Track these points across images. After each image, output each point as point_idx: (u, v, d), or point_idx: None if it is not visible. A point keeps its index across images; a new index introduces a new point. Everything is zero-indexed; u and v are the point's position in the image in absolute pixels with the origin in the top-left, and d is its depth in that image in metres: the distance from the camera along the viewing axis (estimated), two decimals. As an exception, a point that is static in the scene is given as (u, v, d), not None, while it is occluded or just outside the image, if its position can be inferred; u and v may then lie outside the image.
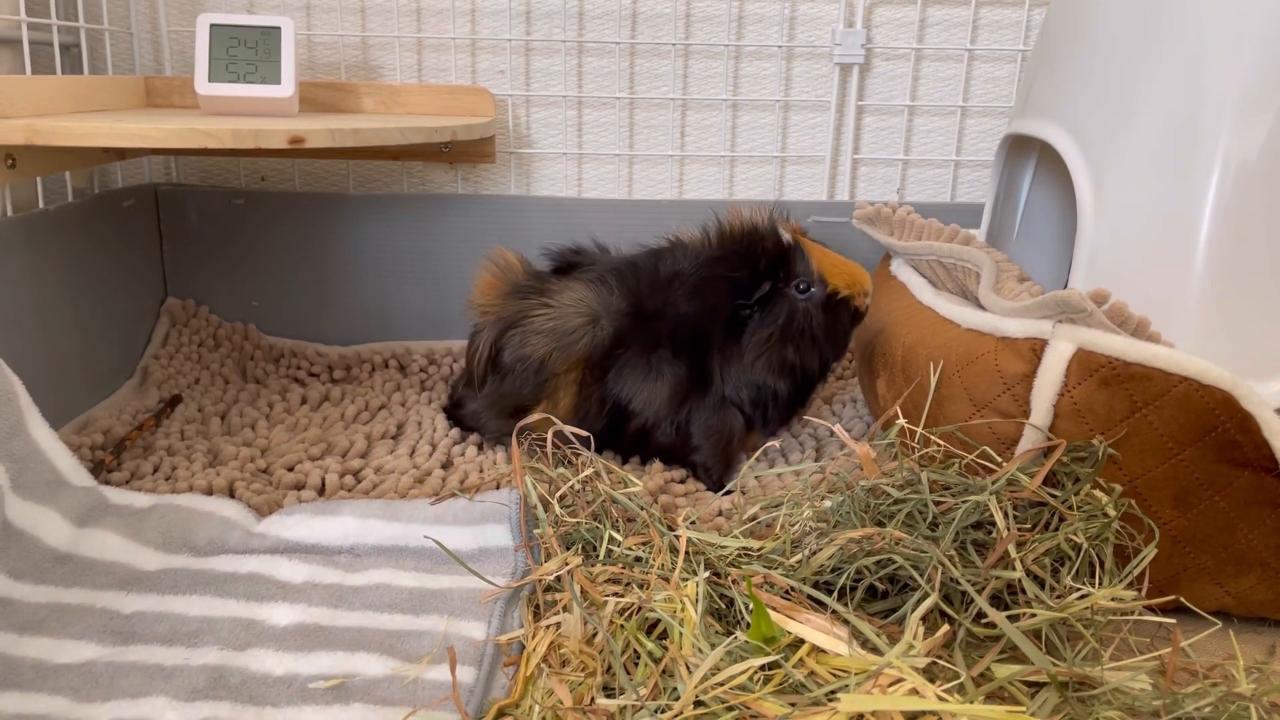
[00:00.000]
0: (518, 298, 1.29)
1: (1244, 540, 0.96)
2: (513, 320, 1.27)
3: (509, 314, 1.28)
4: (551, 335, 1.25)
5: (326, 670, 0.87)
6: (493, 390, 1.30)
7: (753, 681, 0.78)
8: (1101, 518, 0.94)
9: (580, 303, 1.26)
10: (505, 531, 1.05)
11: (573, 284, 1.29)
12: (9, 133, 1.17)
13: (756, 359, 1.24)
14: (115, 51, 1.63)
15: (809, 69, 1.72)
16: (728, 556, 0.96)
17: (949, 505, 0.95)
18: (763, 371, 1.25)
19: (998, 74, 1.72)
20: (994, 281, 1.17)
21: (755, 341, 1.24)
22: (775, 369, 1.25)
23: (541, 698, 0.82)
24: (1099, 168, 1.11)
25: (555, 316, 1.26)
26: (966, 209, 1.73)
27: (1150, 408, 0.93)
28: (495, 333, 1.28)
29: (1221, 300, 1.01)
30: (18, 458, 1.06)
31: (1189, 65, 1.03)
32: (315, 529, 1.07)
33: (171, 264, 1.69)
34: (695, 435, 1.27)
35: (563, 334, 1.25)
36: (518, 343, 1.26)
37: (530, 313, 1.26)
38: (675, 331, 1.25)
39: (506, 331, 1.27)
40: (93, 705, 0.82)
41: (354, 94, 1.63)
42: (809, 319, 1.24)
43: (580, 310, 1.26)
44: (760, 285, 1.22)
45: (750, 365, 1.25)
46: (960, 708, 0.71)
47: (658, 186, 1.77)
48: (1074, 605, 0.87)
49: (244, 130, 1.22)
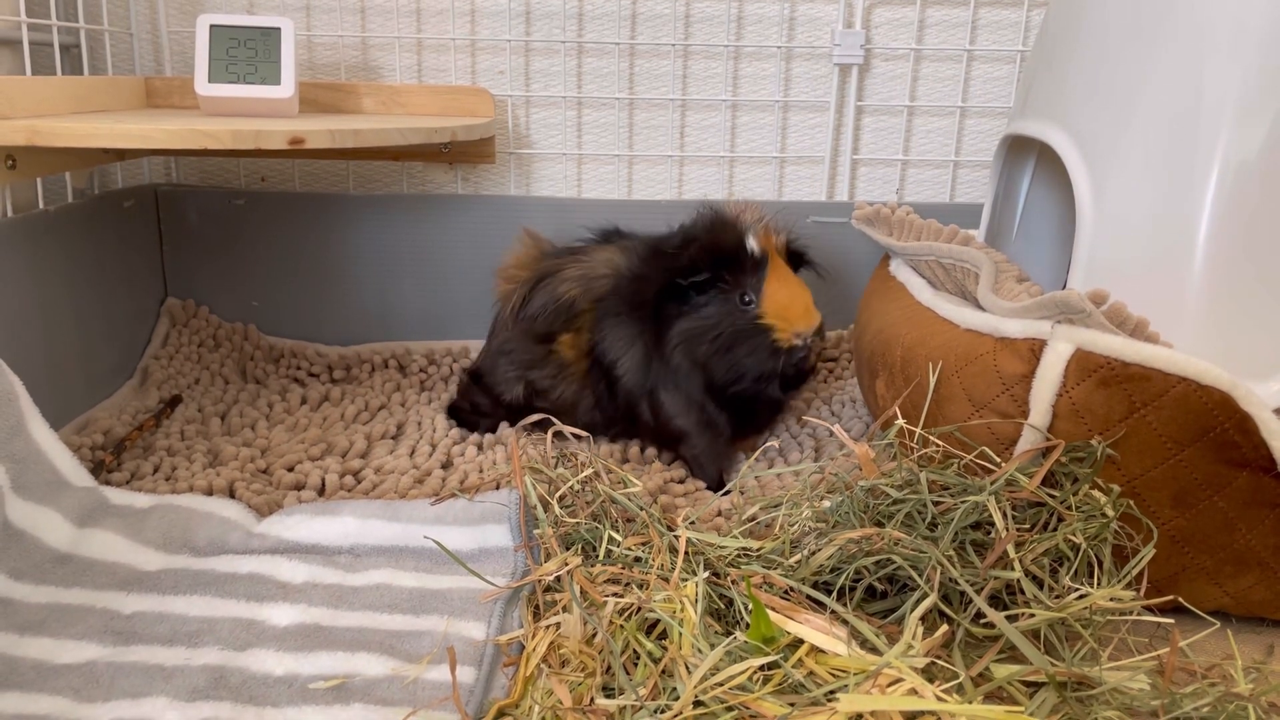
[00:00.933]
0: (551, 258, 1.40)
1: (1242, 540, 0.96)
2: (546, 272, 1.36)
3: (543, 269, 1.37)
4: (580, 280, 1.34)
5: (327, 670, 0.87)
6: (524, 323, 1.37)
7: (752, 681, 0.78)
8: (1100, 518, 0.94)
9: (608, 261, 1.35)
10: (505, 532, 1.05)
11: (606, 247, 1.39)
12: (9, 133, 1.17)
13: (676, 346, 1.27)
14: (115, 52, 1.63)
15: (808, 69, 1.72)
16: (727, 557, 0.96)
17: (948, 505, 0.95)
18: (679, 358, 1.27)
19: (997, 74, 1.72)
20: (993, 282, 1.17)
21: (679, 329, 1.27)
22: (689, 360, 1.27)
23: (541, 698, 0.82)
24: (1098, 168, 1.11)
25: (585, 266, 1.35)
26: (965, 209, 1.73)
27: (1149, 408, 0.93)
28: (529, 285, 1.36)
29: (1220, 300, 1.01)
30: (18, 458, 1.06)
31: (1188, 66, 1.03)
32: (315, 529, 1.07)
33: (171, 264, 1.69)
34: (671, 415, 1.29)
35: (590, 279, 1.33)
36: (550, 288, 1.34)
37: (563, 266, 1.36)
38: (633, 296, 1.30)
39: (540, 281, 1.35)
40: (93, 705, 0.82)
41: (354, 94, 1.63)
42: (732, 328, 1.26)
43: (607, 266, 1.34)
44: (698, 271, 1.25)
45: (671, 344, 1.28)
46: (959, 708, 0.71)
47: (657, 187, 1.77)
48: (1072, 605, 0.88)
49: (244, 131, 1.22)
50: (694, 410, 1.29)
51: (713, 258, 1.26)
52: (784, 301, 1.27)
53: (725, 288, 1.27)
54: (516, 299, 1.37)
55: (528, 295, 1.36)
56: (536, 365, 1.38)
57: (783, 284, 1.28)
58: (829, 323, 1.75)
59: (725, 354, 1.27)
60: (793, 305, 1.28)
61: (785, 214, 1.37)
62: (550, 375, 1.37)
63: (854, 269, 1.70)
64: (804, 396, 1.59)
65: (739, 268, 1.27)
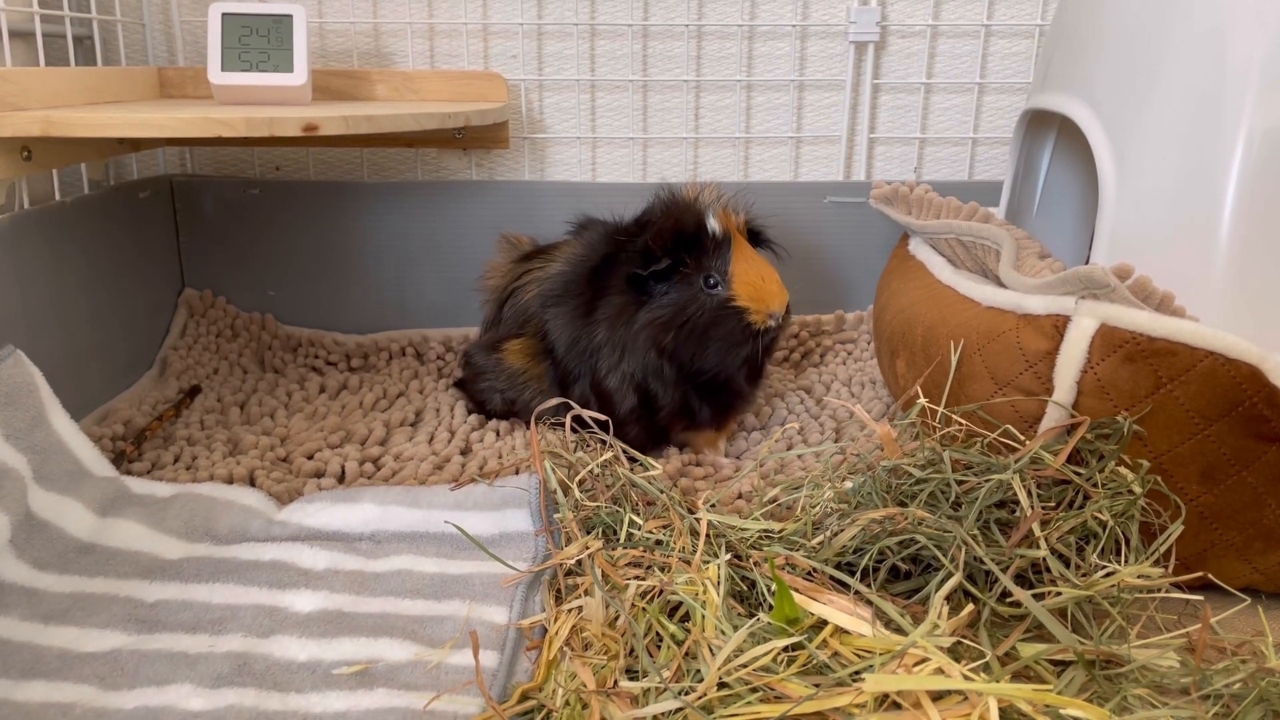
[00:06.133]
0: (523, 262, 1.40)
1: (1272, 515, 0.95)
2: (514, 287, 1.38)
3: (510, 283, 1.39)
4: (536, 283, 1.34)
5: (350, 656, 0.87)
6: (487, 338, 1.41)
7: (776, 663, 0.77)
8: (1127, 495, 0.93)
9: (567, 257, 1.35)
10: (525, 516, 1.05)
11: (573, 240, 1.38)
12: (24, 125, 1.17)
13: (639, 333, 1.24)
14: (128, 43, 1.63)
15: (824, 48, 1.70)
16: (749, 539, 0.95)
17: (972, 484, 0.94)
18: (644, 348, 1.24)
19: (1015, 49, 1.70)
20: (1014, 259, 1.16)
21: (644, 318, 1.23)
22: (655, 351, 1.24)
23: (565, 681, 0.82)
24: (1120, 141, 1.09)
25: (544, 270, 1.35)
26: (985, 187, 1.71)
27: (1175, 383, 0.92)
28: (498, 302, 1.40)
29: (1247, 273, 0.99)
30: (40, 449, 1.06)
31: (1211, 36, 1.01)
32: (336, 516, 1.08)
33: (188, 255, 1.69)
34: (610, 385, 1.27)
35: (543, 280, 1.34)
36: (515, 299, 1.37)
37: (529, 270, 1.37)
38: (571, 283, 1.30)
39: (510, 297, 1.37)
40: (119, 693, 0.82)
41: (367, 81, 1.63)
42: (700, 314, 1.22)
43: (564, 261, 1.34)
44: (658, 259, 1.21)
45: (635, 337, 1.24)
46: (986, 687, 0.71)
47: (673, 169, 1.76)
48: (1100, 583, 0.87)
49: (258, 119, 1.22)
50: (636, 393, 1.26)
51: (672, 242, 1.21)
52: (754, 281, 1.22)
53: (687, 272, 1.22)
54: (489, 311, 1.41)
55: (498, 311, 1.39)
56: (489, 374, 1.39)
57: (750, 263, 1.24)
58: (848, 304, 1.75)
59: (695, 342, 1.22)
60: (765, 284, 1.23)
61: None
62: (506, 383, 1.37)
63: (872, 249, 1.69)
64: (803, 383, 1.58)
65: (700, 250, 1.22)
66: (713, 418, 1.30)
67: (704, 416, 1.29)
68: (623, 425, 1.24)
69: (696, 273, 1.22)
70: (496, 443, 1.32)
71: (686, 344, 1.23)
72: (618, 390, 1.26)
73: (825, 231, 1.72)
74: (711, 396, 1.28)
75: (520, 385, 1.35)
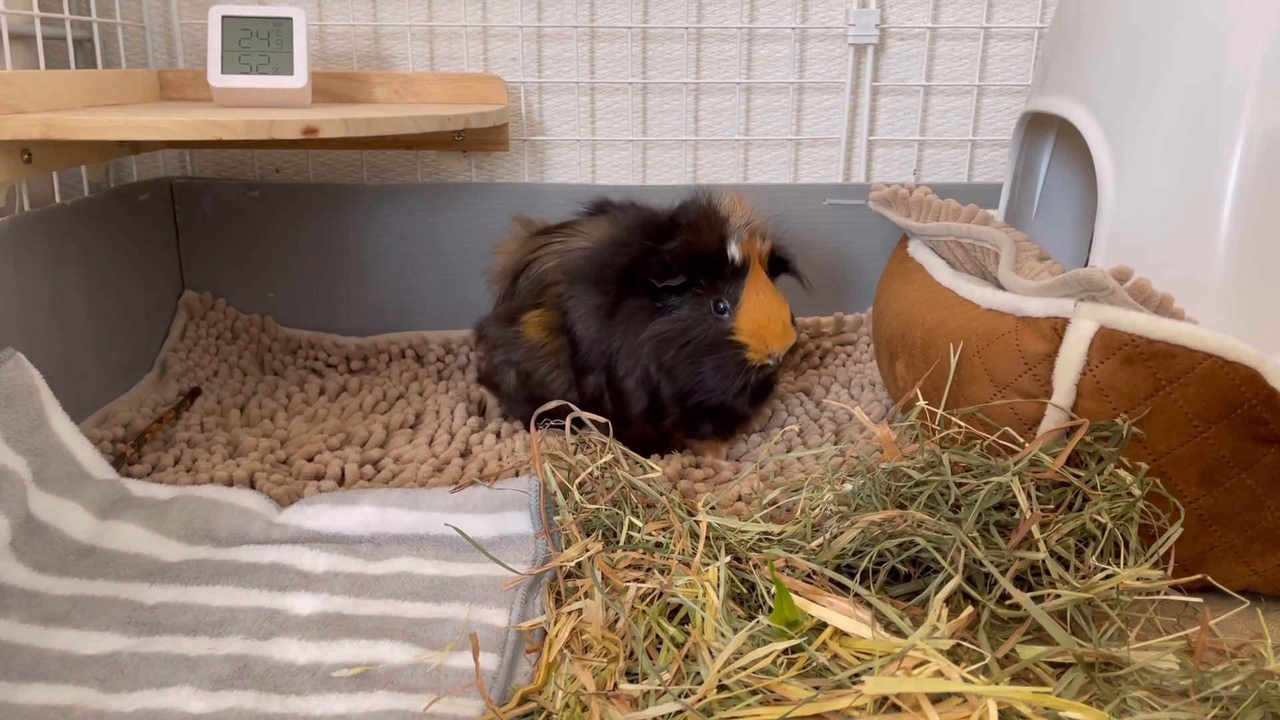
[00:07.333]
0: (541, 236, 1.38)
1: (1271, 518, 0.95)
2: (530, 259, 1.36)
3: (526, 255, 1.37)
4: (557, 254, 1.33)
5: (350, 659, 0.87)
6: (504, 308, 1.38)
7: (776, 665, 0.77)
8: (1126, 497, 0.93)
9: (590, 235, 1.33)
10: (525, 519, 1.05)
11: (597, 219, 1.37)
12: (24, 127, 1.17)
13: (645, 343, 1.24)
14: (128, 45, 1.63)
15: (823, 50, 1.70)
16: (748, 541, 0.96)
17: (971, 487, 0.94)
18: (647, 358, 1.24)
19: (1014, 51, 1.70)
20: (1013, 261, 1.16)
21: (653, 329, 1.24)
22: (656, 364, 1.24)
23: (564, 683, 0.82)
24: (1119, 143, 1.09)
25: (567, 243, 1.33)
26: (984, 189, 1.71)
27: (1174, 385, 0.92)
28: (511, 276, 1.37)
29: (1246, 275, 0.99)
30: (40, 451, 1.06)
31: (1210, 37, 1.01)
32: (336, 518, 1.08)
33: (188, 257, 1.69)
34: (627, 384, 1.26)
35: (566, 252, 1.32)
36: (532, 271, 1.34)
37: (549, 244, 1.35)
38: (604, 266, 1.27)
39: (526, 268, 1.35)
40: (119, 696, 0.82)
41: (366, 84, 1.63)
42: (703, 337, 1.23)
43: (588, 239, 1.32)
44: (674, 274, 1.21)
45: (641, 345, 1.24)
46: (986, 689, 0.71)
47: (672, 172, 1.76)
48: (1099, 585, 0.87)
49: (258, 121, 1.22)
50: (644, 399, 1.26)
51: (689, 262, 1.21)
52: (760, 320, 1.23)
53: (700, 291, 1.23)
54: (500, 288, 1.37)
55: (511, 286, 1.37)
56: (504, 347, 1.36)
57: (760, 297, 1.24)
58: (847, 306, 1.75)
59: (691, 363, 1.23)
60: (769, 324, 1.23)
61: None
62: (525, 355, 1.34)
63: (871, 251, 1.69)
64: (802, 385, 1.58)
65: (717, 274, 1.23)
66: (715, 431, 1.32)
67: (707, 430, 1.31)
68: (632, 425, 1.25)
69: (709, 295, 1.23)
70: (496, 445, 1.33)
71: (684, 364, 1.24)
72: (634, 391, 1.26)
73: (824, 233, 1.72)
74: (711, 415, 1.29)
75: (539, 359, 1.32)
